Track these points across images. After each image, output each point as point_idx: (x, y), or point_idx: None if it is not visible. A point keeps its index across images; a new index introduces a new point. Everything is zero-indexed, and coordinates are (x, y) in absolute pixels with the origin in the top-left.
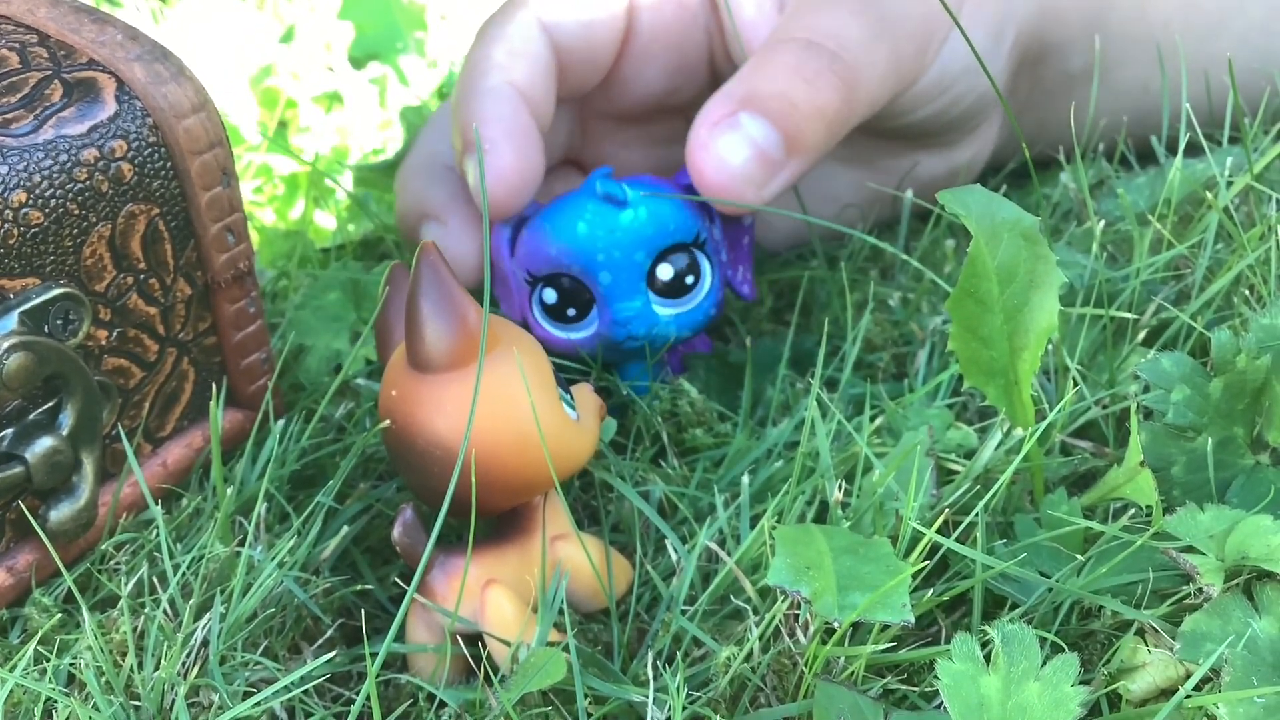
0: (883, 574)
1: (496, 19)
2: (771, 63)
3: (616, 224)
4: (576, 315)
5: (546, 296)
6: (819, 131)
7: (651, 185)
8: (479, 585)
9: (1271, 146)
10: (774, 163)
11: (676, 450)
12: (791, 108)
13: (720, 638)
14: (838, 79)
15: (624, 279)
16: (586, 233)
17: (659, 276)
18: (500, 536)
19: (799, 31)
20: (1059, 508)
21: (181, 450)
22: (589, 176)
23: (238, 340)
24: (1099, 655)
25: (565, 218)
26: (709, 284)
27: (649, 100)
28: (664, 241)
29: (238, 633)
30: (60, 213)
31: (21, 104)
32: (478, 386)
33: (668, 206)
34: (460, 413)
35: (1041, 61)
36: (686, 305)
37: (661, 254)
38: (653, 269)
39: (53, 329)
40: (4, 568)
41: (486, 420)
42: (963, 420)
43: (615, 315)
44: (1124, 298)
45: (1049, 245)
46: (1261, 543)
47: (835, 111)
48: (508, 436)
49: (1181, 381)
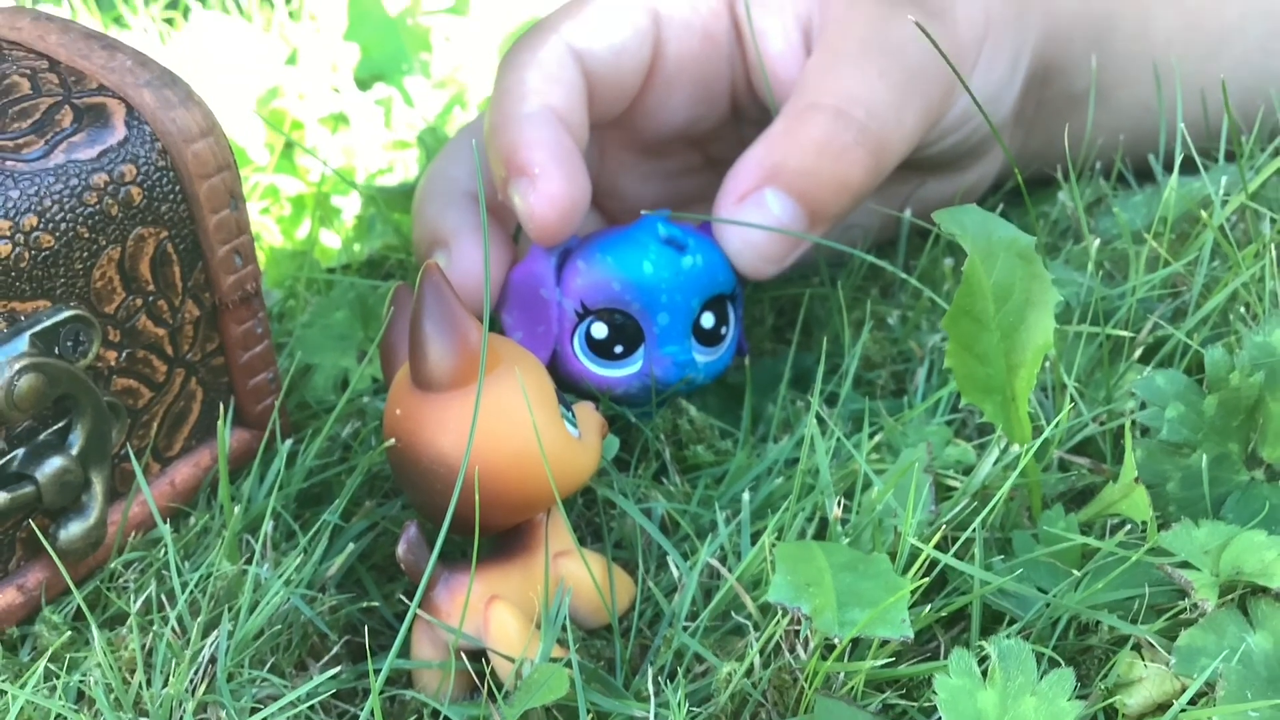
0: (882, 590)
1: (526, 44)
2: (798, 133)
3: (679, 268)
4: (623, 353)
5: (596, 331)
6: (843, 203)
7: (697, 233)
8: (482, 602)
9: (1268, 164)
10: (796, 239)
11: (678, 467)
12: (818, 185)
13: (721, 653)
14: (865, 152)
15: (678, 323)
16: (653, 273)
17: (702, 324)
18: (503, 553)
19: (827, 96)
20: (1056, 524)
21: (189, 469)
22: (643, 217)
23: (245, 360)
24: (1096, 670)
25: (630, 255)
26: (733, 334)
27: (669, 130)
28: (713, 291)
29: (245, 650)
30: (71, 236)
31: (33, 129)
32: (478, 404)
33: (718, 257)
34: (462, 431)
35: (1047, 83)
36: (715, 354)
37: (707, 303)
38: (698, 316)
39: (63, 350)
40: (15, 586)
41: (488, 438)
42: (962, 436)
43: (673, 357)
44: (1121, 315)
45: (1045, 264)
46: (1256, 558)
47: (860, 184)
48: (509, 454)
49: (1175, 399)
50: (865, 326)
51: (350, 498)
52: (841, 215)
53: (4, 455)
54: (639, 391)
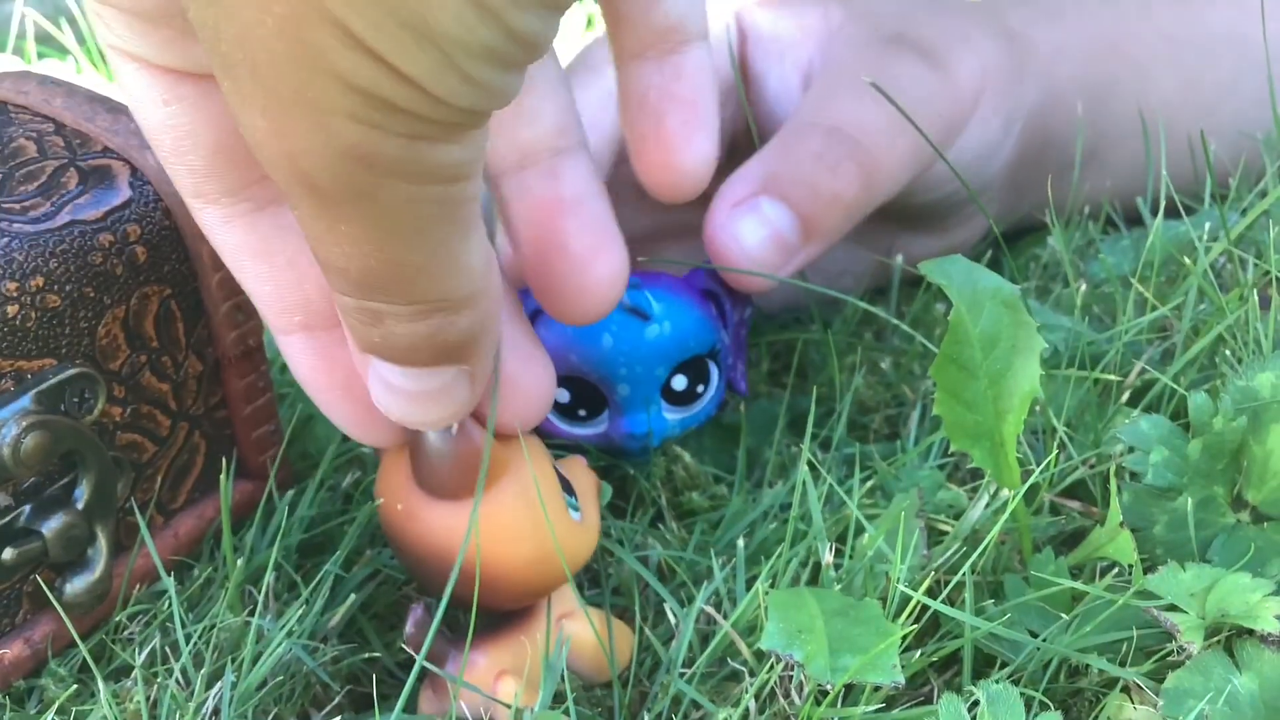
0: (873, 636)
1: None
2: (794, 148)
3: (641, 339)
4: (587, 415)
5: (559, 395)
6: (837, 218)
7: (672, 294)
8: (491, 677)
9: (1255, 206)
10: (790, 247)
11: (674, 513)
12: (812, 195)
13: (717, 699)
14: (859, 168)
15: (641, 391)
16: (611, 345)
17: (672, 387)
18: (509, 623)
19: (823, 117)
20: (1046, 567)
21: (193, 521)
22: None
23: (247, 413)
24: (1087, 712)
25: (589, 326)
26: (714, 390)
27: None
28: (683, 356)
29: (248, 700)
30: (76, 296)
31: (39, 192)
32: (476, 510)
33: (689, 321)
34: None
35: (1046, 147)
36: (692, 410)
37: (679, 367)
38: (668, 380)
39: (68, 407)
40: (21, 639)
41: (501, 544)
42: (954, 480)
43: (627, 426)
44: (1109, 358)
45: (1032, 308)
46: (1241, 600)
47: (854, 199)
48: (523, 559)
49: (1160, 443)
50: (859, 371)
51: (351, 547)
52: (833, 232)
53: (11, 511)
54: (609, 447)
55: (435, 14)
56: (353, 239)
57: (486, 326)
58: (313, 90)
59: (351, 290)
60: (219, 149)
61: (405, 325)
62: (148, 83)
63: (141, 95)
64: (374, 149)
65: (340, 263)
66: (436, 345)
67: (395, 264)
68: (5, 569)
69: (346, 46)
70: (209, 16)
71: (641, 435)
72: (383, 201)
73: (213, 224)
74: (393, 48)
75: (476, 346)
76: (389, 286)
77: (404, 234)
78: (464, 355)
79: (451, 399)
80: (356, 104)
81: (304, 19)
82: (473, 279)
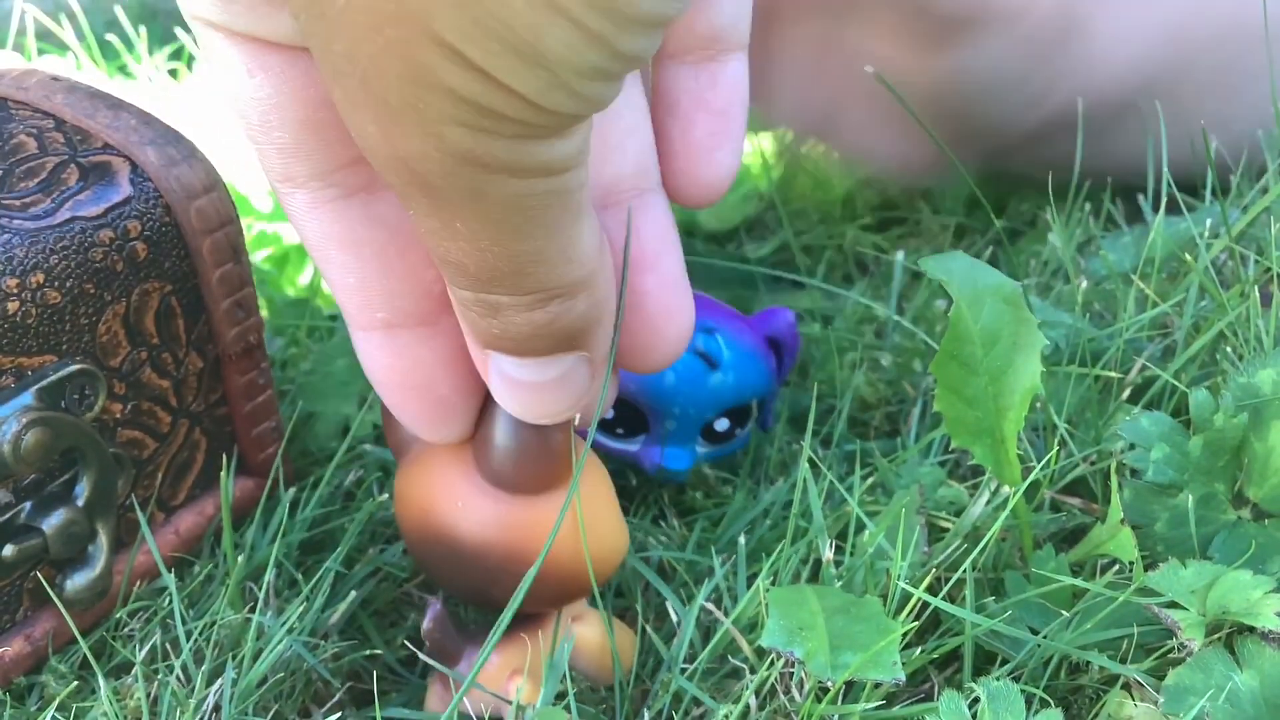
0: (874, 633)
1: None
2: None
3: (704, 384)
4: (624, 434)
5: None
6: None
7: (741, 342)
8: (504, 676)
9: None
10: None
11: (675, 511)
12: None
13: (718, 696)
14: None
15: (686, 429)
16: (673, 384)
17: (715, 428)
18: (521, 624)
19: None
20: (1047, 564)
21: (194, 518)
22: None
23: (248, 410)
24: (1087, 709)
25: None
26: (748, 430)
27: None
28: (736, 403)
29: (249, 697)
30: (77, 292)
31: (39, 188)
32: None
33: (752, 373)
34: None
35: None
36: (724, 446)
37: (727, 411)
38: (712, 423)
39: (69, 404)
40: (22, 636)
41: (572, 543)
42: (955, 477)
43: (663, 459)
44: (1110, 355)
45: (1033, 305)
46: (1241, 597)
47: None
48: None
49: (1160, 440)
50: (859, 368)
51: (352, 545)
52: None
53: (11, 508)
54: (634, 465)
55: (545, 41)
56: (469, 234)
57: (603, 310)
58: (423, 102)
59: (470, 284)
60: (306, 124)
61: (524, 314)
62: (233, 53)
63: (227, 66)
64: (484, 151)
65: (457, 257)
66: (555, 332)
67: (511, 255)
68: (6, 566)
69: (457, 66)
70: (319, 30)
71: (673, 471)
72: (495, 197)
73: (299, 210)
74: (503, 69)
75: (593, 331)
76: (506, 278)
77: (517, 226)
78: (582, 341)
79: (572, 387)
80: (467, 114)
81: (414, 41)
82: (586, 264)
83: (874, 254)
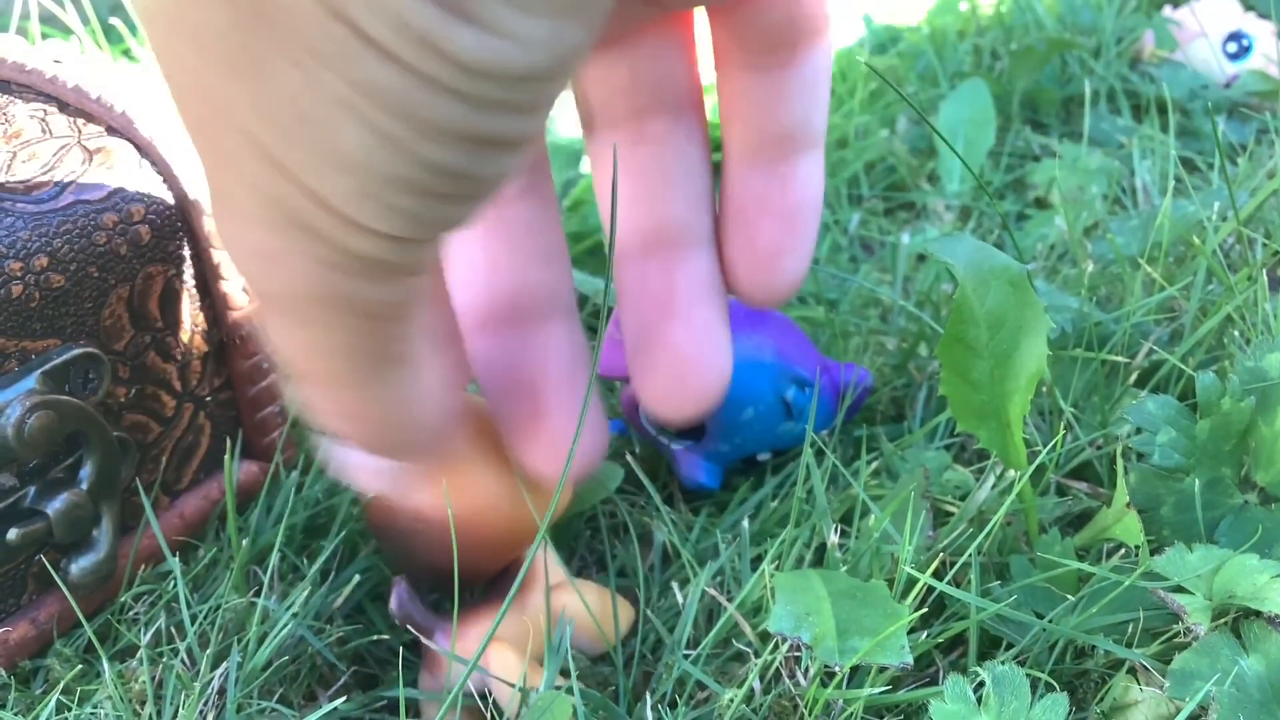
0: (881, 618)
1: None
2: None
3: (775, 429)
4: (676, 435)
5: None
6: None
7: (823, 398)
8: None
9: (1263, 186)
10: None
11: (681, 494)
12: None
13: (723, 680)
14: None
15: (735, 455)
16: (749, 420)
17: (756, 458)
18: (497, 596)
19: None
20: (1052, 548)
21: (198, 502)
22: (780, 359)
23: (252, 394)
24: (1093, 693)
25: (741, 392)
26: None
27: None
28: (789, 444)
29: (254, 681)
30: (81, 275)
31: (43, 171)
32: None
33: (819, 423)
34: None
35: None
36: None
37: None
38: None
39: (74, 388)
40: (27, 619)
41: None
42: (961, 461)
43: (702, 475)
44: (1117, 339)
45: (1039, 289)
46: (1248, 581)
47: None
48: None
49: (1167, 424)
50: (865, 352)
51: (355, 528)
52: None
53: (16, 492)
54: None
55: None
56: (293, 344)
57: (419, 448)
58: (237, 197)
59: (299, 382)
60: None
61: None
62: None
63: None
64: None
65: (287, 356)
66: (370, 446)
67: (326, 378)
68: (10, 549)
69: (259, 160)
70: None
71: (708, 489)
72: (311, 321)
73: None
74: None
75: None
76: (323, 394)
77: (332, 353)
78: (400, 456)
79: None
80: (274, 216)
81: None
82: (402, 409)
83: (879, 237)
